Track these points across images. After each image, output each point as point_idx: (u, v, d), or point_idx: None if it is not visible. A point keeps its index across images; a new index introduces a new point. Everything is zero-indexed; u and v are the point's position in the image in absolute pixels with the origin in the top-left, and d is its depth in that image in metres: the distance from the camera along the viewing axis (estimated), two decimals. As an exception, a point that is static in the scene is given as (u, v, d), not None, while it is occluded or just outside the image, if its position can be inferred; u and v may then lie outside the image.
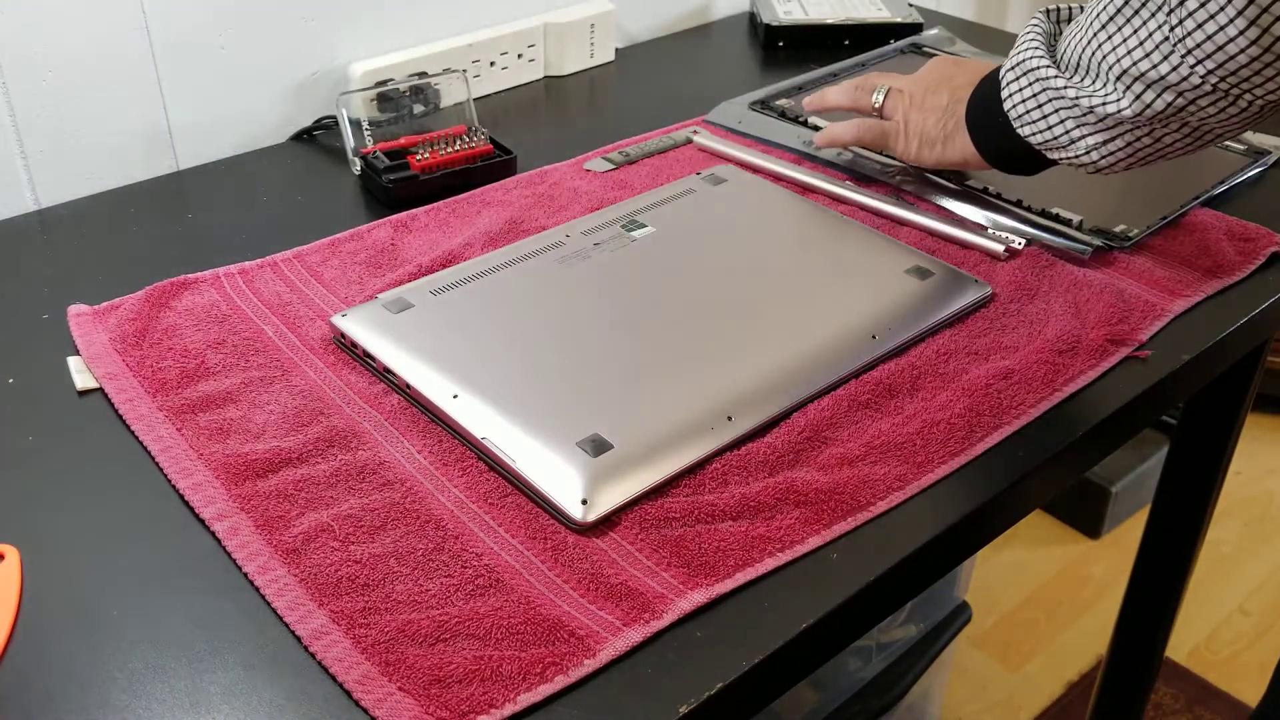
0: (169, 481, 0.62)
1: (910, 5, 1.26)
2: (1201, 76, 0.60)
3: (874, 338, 0.72)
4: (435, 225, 0.86)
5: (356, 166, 0.93)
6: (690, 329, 0.72)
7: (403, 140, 0.93)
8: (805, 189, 0.91)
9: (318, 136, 1.02)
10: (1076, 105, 0.69)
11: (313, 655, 0.52)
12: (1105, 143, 0.70)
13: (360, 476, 0.62)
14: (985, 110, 0.78)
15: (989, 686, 1.60)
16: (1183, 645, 1.64)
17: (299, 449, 0.63)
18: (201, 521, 0.59)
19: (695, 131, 1.00)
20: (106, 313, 0.75)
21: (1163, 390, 0.72)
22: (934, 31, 1.22)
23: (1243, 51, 0.57)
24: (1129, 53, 0.63)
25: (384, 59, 1.03)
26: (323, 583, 0.55)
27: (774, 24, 1.21)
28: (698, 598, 0.55)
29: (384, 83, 0.99)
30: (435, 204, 0.89)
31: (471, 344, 0.69)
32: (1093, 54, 0.66)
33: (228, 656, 0.53)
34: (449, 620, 0.53)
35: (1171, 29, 0.60)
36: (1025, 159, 0.77)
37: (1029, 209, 0.86)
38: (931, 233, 0.85)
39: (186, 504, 0.60)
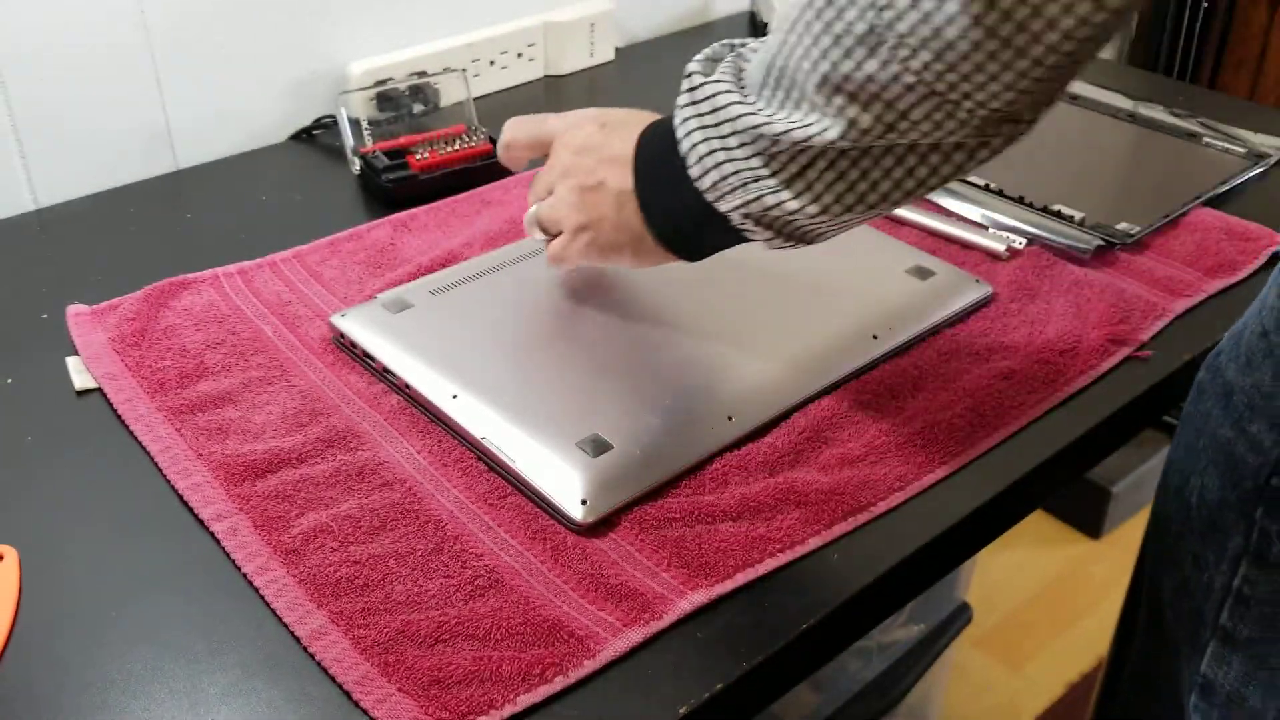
0: (168, 482, 0.62)
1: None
2: (915, 74, 0.47)
3: (875, 338, 0.72)
4: (435, 225, 0.86)
5: (356, 166, 0.93)
6: (690, 329, 0.71)
7: (402, 140, 0.93)
8: (805, 189, 0.91)
9: (317, 136, 1.02)
10: (763, 136, 0.52)
11: (312, 656, 0.52)
12: (802, 185, 0.53)
13: (359, 477, 0.62)
14: (657, 182, 0.60)
15: (990, 687, 1.59)
16: (1183, 645, 1.64)
17: (298, 449, 0.63)
18: (200, 522, 0.59)
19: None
20: (105, 313, 0.75)
21: (1163, 390, 0.72)
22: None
23: (963, 36, 0.45)
24: (825, 54, 0.49)
25: (383, 58, 1.02)
26: (322, 583, 0.55)
27: (774, 23, 1.21)
28: (698, 598, 0.55)
29: (384, 82, 0.99)
30: (435, 203, 0.89)
31: (471, 344, 0.69)
32: (784, 66, 0.51)
33: (226, 657, 0.52)
34: (448, 621, 0.53)
35: (879, 12, 0.46)
36: (714, 237, 0.60)
37: (1030, 206, 0.86)
38: (932, 232, 0.85)
39: (185, 504, 0.60)
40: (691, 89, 0.55)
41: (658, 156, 0.59)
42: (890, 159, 0.52)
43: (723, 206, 0.56)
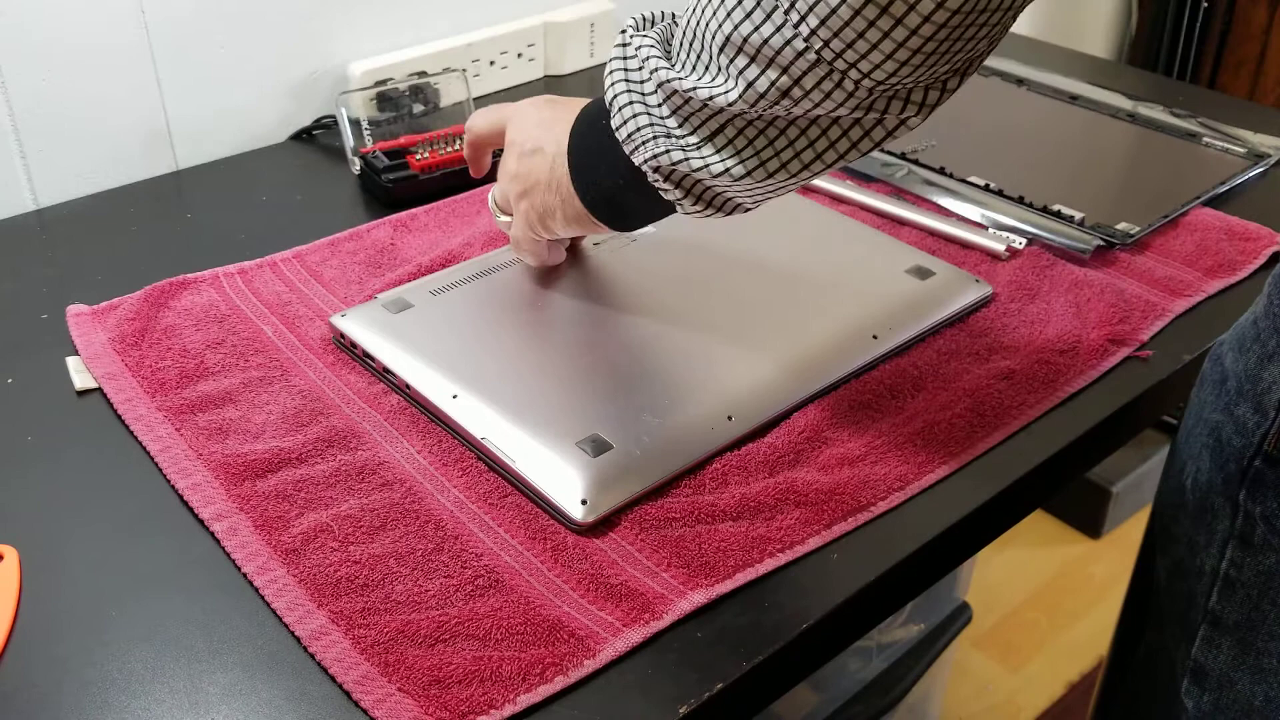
0: (168, 481, 0.62)
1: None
2: (805, 39, 0.48)
3: (874, 338, 0.72)
4: (435, 225, 0.86)
5: (356, 166, 0.93)
6: (690, 329, 0.71)
7: (402, 140, 0.93)
8: (805, 189, 0.91)
9: (317, 136, 1.02)
10: (676, 93, 0.55)
11: (312, 656, 0.52)
12: (710, 148, 0.55)
13: (360, 477, 0.62)
14: (587, 147, 0.62)
15: (989, 687, 1.60)
16: (1183, 645, 1.64)
17: (298, 449, 0.63)
18: (200, 522, 0.59)
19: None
20: (105, 313, 0.75)
21: (1163, 390, 0.72)
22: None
23: (844, 1, 0.47)
24: (729, 15, 0.50)
25: (383, 58, 1.03)
26: (322, 583, 0.55)
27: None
28: (698, 598, 0.55)
29: (383, 82, 0.99)
30: (435, 203, 0.89)
31: (471, 344, 0.69)
32: (696, 26, 0.53)
33: (226, 657, 0.52)
34: (448, 621, 0.53)
35: None
36: (646, 205, 0.61)
37: (1030, 206, 0.86)
38: (932, 232, 0.85)
39: (185, 504, 0.60)
40: (623, 44, 0.57)
41: (593, 118, 0.61)
42: (794, 130, 0.54)
43: (636, 159, 0.57)
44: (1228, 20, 1.91)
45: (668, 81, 0.55)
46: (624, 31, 0.58)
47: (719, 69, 0.52)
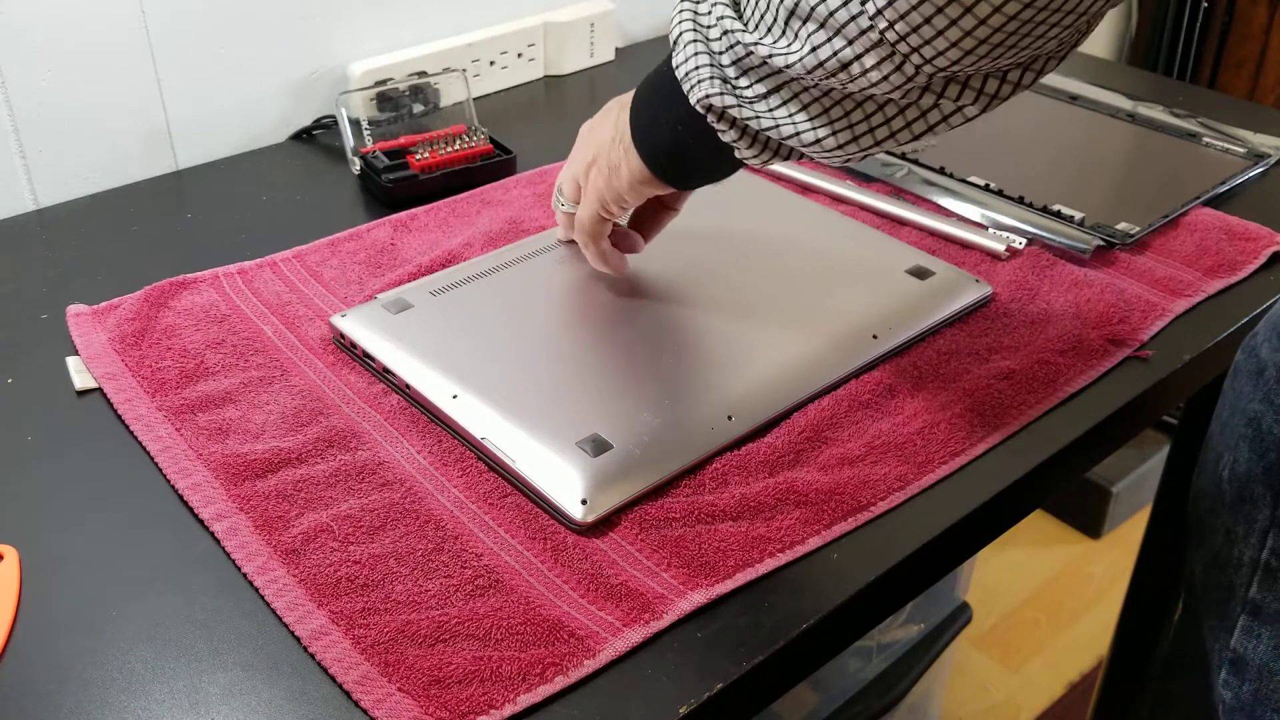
0: (168, 481, 0.62)
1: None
2: (870, 18, 0.48)
3: (874, 338, 0.72)
4: (435, 225, 0.86)
5: (356, 166, 0.93)
6: (690, 329, 0.71)
7: (402, 140, 0.93)
8: (805, 189, 0.91)
9: (317, 136, 1.02)
10: (739, 44, 0.55)
11: (312, 656, 0.52)
12: (763, 105, 0.56)
13: (360, 477, 0.62)
14: (648, 98, 0.63)
15: (989, 687, 1.59)
16: (1183, 645, 1.64)
17: (298, 449, 0.63)
18: (200, 522, 0.59)
19: (695, 131, 0.99)
20: (105, 313, 0.75)
21: (1163, 390, 0.72)
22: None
23: None
24: None
25: (383, 58, 1.02)
26: (322, 583, 0.55)
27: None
28: (698, 598, 0.55)
29: (383, 82, 0.99)
30: (435, 204, 0.89)
31: (471, 344, 0.69)
32: None
33: (226, 657, 0.52)
34: (449, 621, 0.53)
35: None
36: (702, 156, 0.62)
37: (1030, 206, 0.86)
38: (931, 232, 0.85)
39: (185, 504, 0.60)
40: None
41: (660, 69, 0.62)
42: (849, 102, 0.54)
43: (692, 96, 0.58)
44: (1228, 20, 1.91)
45: (731, 32, 0.55)
46: None
47: (783, 30, 0.52)
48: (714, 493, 0.61)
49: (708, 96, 0.57)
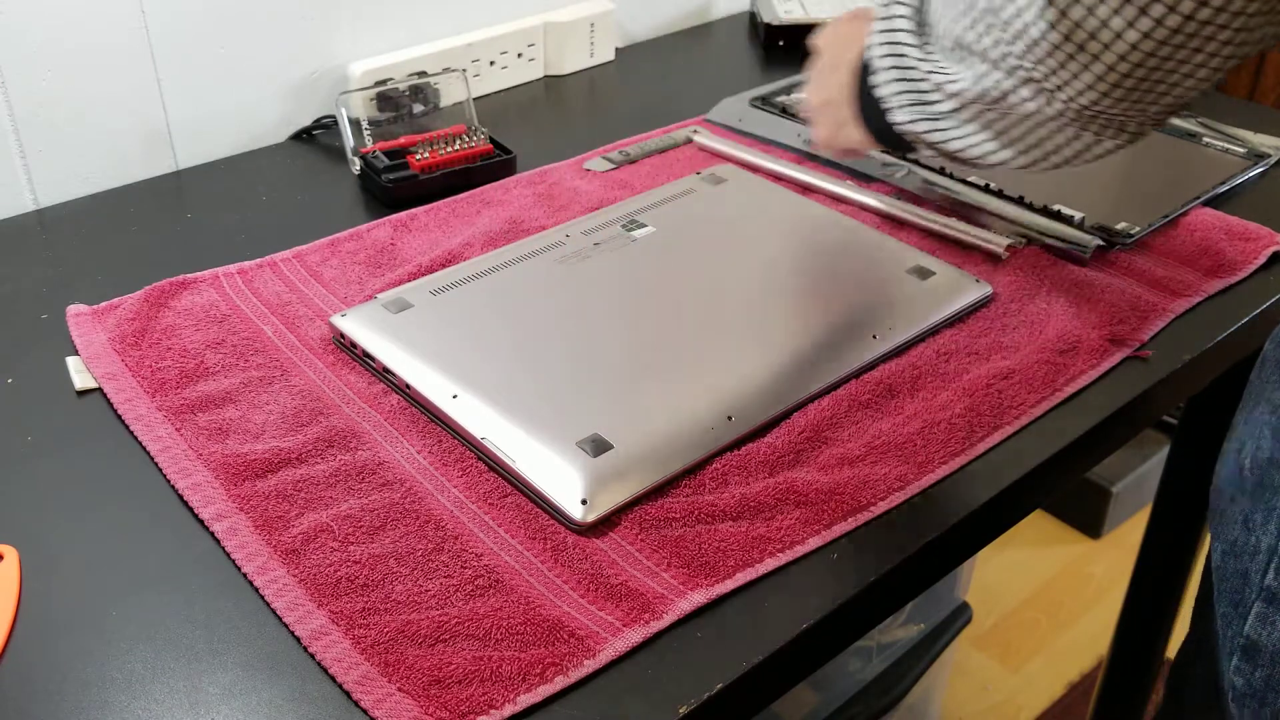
0: (168, 481, 0.62)
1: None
2: (1018, 57, 0.54)
3: (874, 337, 0.72)
4: (435, 225, 0.86)
5: (356, 166, 0.93)
6: (690, 329, 0.71)
7: (402, 140, 0.93)
8: (805, 189, 0.91)
9: (317, 136, 1.02)
10: (932, 79, 0.61)
11: (312, 656, 0.52)
12: (958, 121, 0.61)
13: (360, 477, 0.62)
14: (866, 95, 0.68)
15: (989, 687, 1.60)
16: (1183, 645, 1.64)
17: (298, 449, 0.63)
18: (200, 522, 0.59)
19: (695, 131, 1.00)
20: (105, 313, 0.75)
21: (1163, 390, 0.72)
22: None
23: (1044, 38, 0.52)
24: (958, 18, 0.57)
25: (383, 58, 1.02)
26: (322, 583, 0.55)
27: (774, 23, 1.21)
28: (698, 598, 0.55)
29: (383, 82, 0.99)
30: (435, 204, 0.89)
31: (471, 344, 0.69)
32: (934, 21, 0.60)
33: (226, 657, 0.52)
34: (449, 621, 0.53)
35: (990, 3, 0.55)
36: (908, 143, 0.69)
37: (1030, 207, 0.86)
38: (931, 232, 0.85)
39: (185, 504, 0.60)
40: (887, 14, 0.64)
41: (864, 80, 0.67)
42: (1023, 126, 0.59)
43: (889, 118, 0.64)
44: (1228, 20, 1.91)
45: (919, 60, 0.61)
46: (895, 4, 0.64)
47: (957, 60, 0.58)
48: (714, 493, 0.61)
49: (903, 124, 0.63)
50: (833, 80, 0.72)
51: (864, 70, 0.67)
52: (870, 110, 0.67)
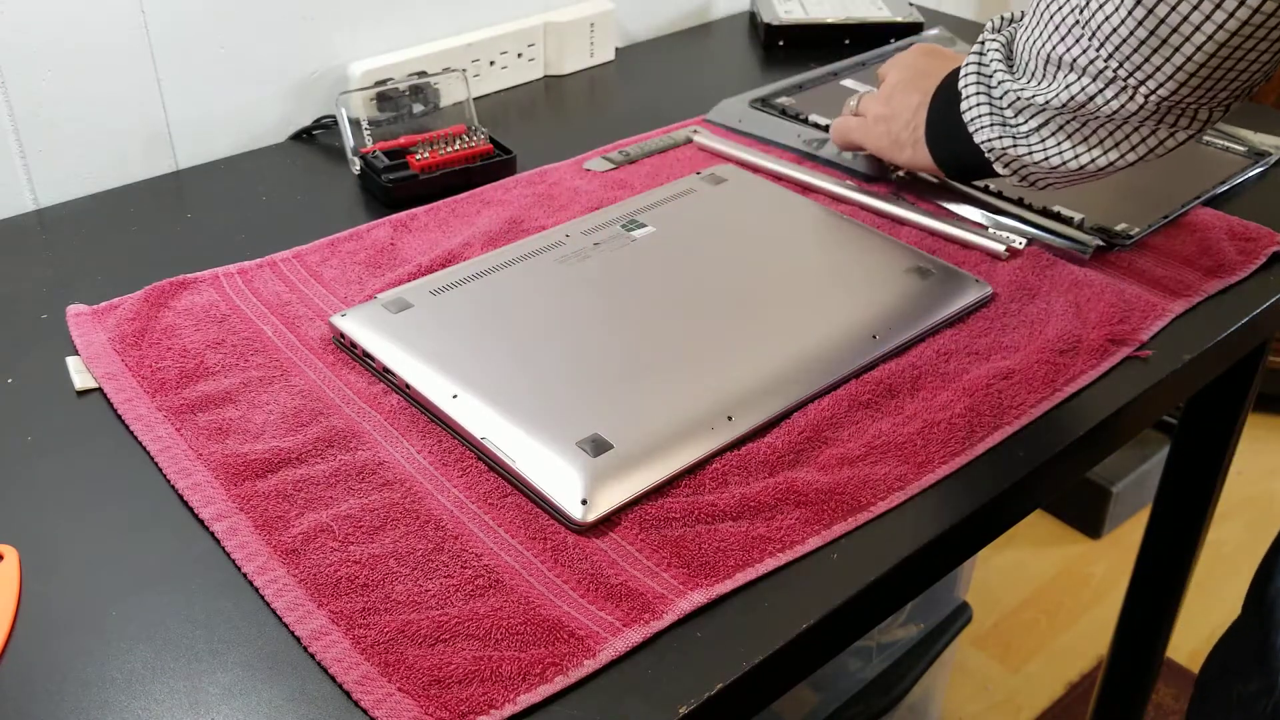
0: (168, 481, 0.62)
1: (911, 5, 1.26)
2: (1105, 60, 0.63)
3: (874, 338, 0.72)
4: (435, 225, 0.86)
5: (356, 166, 0.93)
6: (690, 329, 0.71)
7: (402, 140, 0.93)
8: (805, 189, 0.91)
9: (317, 136, 1.02)
10: (1019, 99, 0.70)
11: (312, 656, 0.52)
12: (1045, 135, 0.70)
13: (360, 477, 0.62)
14: (942, 116, 0.78)
15: (989, 687, 1.60)
16: (1183, 645, 1.64)
17: (298, 449, 0.63)
18: (200, 522, 0.59)
19: (695, 131, 1.00)
20: (105, 312, 0.75)
21: (1163, 390, 0.72)
22: (934, 31, 1.22)
23: (1132, 34, 0.60)
24: (1049, 38, 0.66)
25: (383, 58, 1.02)
26: (322, 583, 0.55)
27: (774, 23, 1.21)
28: (698, 598, 0.55)
29: (383, 82, 0.99)
30: (435, 204, 0.89)
31: (471, 344, 0.69)
32: (1028, 41, 0.68)
33: (227, 657, 0.52)
34: (448, 620, 0.53)
35: (1078, 11, 0.63)
36: (979, 167, 0.76)
37: (1030, 207, 0.86)
38: (932, 233, 0.85)
39: (185, 504, 0.60)
40: (980, 49, 0.73)
41: (950, 96, 0.76)
42: (1103, 130, 0.68)
43: (976, 139, 0.73)
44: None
45: (1004, 82, 0.70)
46: (983, 30, 0.74)
47: (1044, 75, 0.68)
48: (714, 493, 0.61)
49: (989, 140, 0.72)
50: (901, 101, 0.82)
51: (942, 98, 0.77)
52: (943, 134, 0.77)
